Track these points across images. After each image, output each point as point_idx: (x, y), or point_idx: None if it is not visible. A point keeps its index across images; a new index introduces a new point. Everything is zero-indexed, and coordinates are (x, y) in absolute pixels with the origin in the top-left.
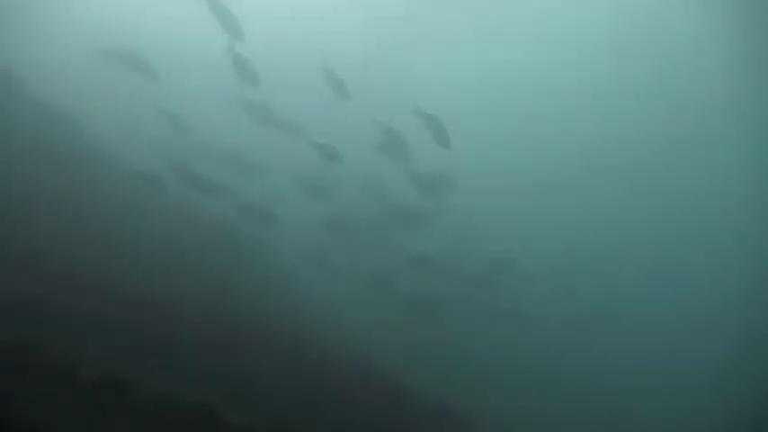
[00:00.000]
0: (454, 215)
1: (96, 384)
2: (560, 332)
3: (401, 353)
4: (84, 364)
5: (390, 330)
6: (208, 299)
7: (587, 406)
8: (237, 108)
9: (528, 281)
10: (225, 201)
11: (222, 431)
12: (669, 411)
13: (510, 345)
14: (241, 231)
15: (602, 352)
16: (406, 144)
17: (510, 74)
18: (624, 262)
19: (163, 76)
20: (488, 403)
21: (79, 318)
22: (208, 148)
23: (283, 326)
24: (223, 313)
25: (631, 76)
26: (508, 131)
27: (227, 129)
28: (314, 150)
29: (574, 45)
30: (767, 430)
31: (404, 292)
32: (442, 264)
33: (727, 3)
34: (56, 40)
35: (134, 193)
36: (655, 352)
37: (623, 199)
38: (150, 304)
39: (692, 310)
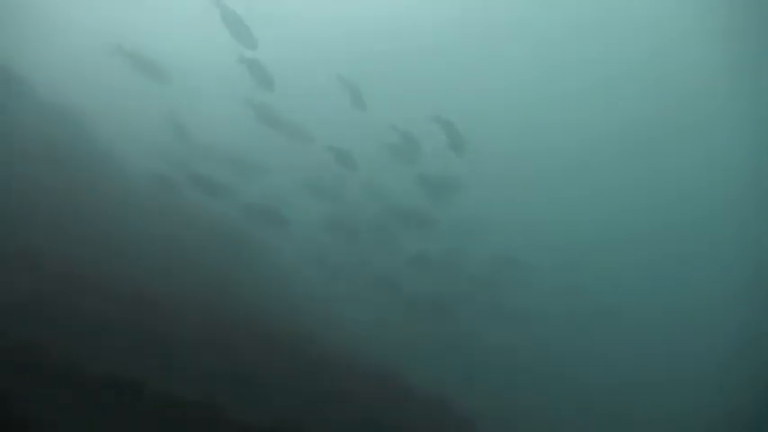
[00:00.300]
0: (456, 211)
1: (97, 384)
2: (562, 328)
3: (402, 352)
4: (84, 364)
5: (391, 329)
6: (208, 298)
7: (589, 402)
8: (240, 108)
9: (529, 277)
10: (226, 201)
11: (223, 430)
12: (671, 406)
13: (511, 342)
14: (243, 232)
15: (604, 347)
16: (409, 144)
17: (507, 68)
18: (626, 257)
19: (167, 77)
20: (490, 401)
21: (79, 318)
22: (209, 150)
23: (285, 325)
24: (224, 313)
25: (632, 69)
26: (508, 125)
27: (230, 129)
28: (316, 151)
29: (575, 39)
30: None
31: (405, 291)
32: (443, 261)
33: None
34: (57, 39)
35: (136, 194)
36: (657, 347)
37: (625, 193)
38: (151, 304)
39: (694, 304)
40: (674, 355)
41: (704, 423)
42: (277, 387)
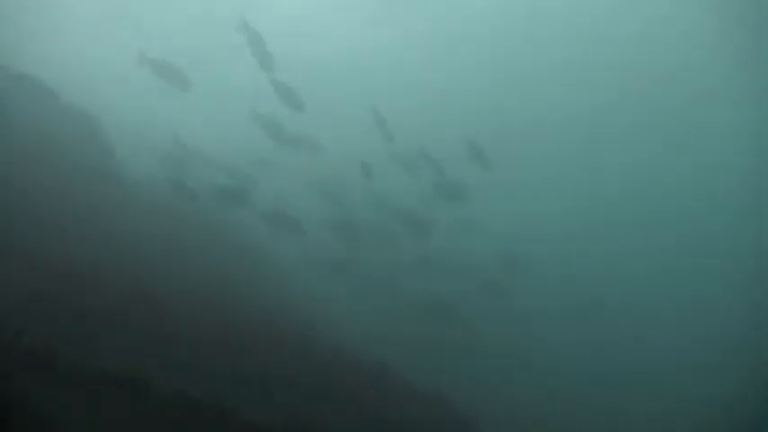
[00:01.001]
0: (455, 211)
1: (98, 383)
2: (559, 322)
3: (402, 350)
4: (85, 362)
5: (391, 328)
6: (210, 298)
7: (586, 396)
8: (246, 114)
9: (527, 272)
10: (228, 203)
11: (225, 428)
12: (669, 399)
13: (510, 339)
14: (245, 232)
15: (601, 340)
16: (410, 144)
17: (505, 63)
18: (622, 247)
19: (174, 82)
20: (489, 398)
21: (81, 317)
22: (211, 153)
23: (286, 325)
24: (225, 312)
25: (629, 64)
26: (496, 115)
27: (235, 135)
28: (317, 153)
29: (573, 34)
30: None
31: (405, 291)
32: (443, 261)
33: None
34: (62, 40)
35: (138, 195)
36: (654, 339)
37: (620, 183)
38: (152, 304)
39: (693, 296)
40: (671, 349)
41: (703, 417)
42: (278, 385)
